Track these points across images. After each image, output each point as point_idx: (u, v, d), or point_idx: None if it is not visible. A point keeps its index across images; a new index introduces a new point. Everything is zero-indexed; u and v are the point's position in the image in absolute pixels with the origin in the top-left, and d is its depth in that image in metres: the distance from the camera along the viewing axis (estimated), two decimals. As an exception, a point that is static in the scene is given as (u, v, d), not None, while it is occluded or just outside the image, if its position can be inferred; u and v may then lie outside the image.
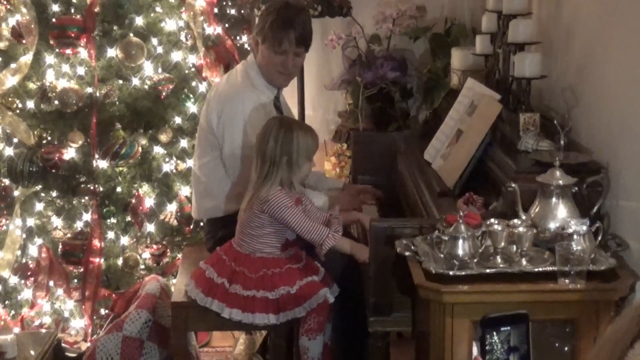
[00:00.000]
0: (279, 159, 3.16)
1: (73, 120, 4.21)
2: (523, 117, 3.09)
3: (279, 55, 3.58)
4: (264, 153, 3.18)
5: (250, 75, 3.66)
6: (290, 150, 3.17)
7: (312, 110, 5.11)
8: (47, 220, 4.30)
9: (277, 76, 3.65)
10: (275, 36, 3.56)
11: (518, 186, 2.66)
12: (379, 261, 2.85)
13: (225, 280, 3.23)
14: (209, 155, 3.66)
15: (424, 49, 4.76)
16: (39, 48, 4.21)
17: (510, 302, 2.39)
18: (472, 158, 3.19)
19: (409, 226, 2.83)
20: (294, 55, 3.60)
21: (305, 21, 3.63)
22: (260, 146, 3.21)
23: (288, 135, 3.18)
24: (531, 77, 3.19)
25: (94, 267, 4.16)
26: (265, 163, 3.18)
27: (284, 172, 3.18)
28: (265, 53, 3.60)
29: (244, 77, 3.67)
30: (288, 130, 3.19)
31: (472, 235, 2.50)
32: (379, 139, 4.25)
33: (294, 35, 3.56)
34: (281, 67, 3.61)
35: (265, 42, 3.59)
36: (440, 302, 2.43)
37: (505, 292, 2.43)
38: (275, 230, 3.23)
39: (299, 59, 3.67)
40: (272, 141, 3.17)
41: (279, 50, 3.57)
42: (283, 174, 3.18)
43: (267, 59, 3.61)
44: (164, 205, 4.30)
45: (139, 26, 4.26)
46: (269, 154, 3.17)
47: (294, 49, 3.59)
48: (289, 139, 3.17)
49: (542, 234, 2.61)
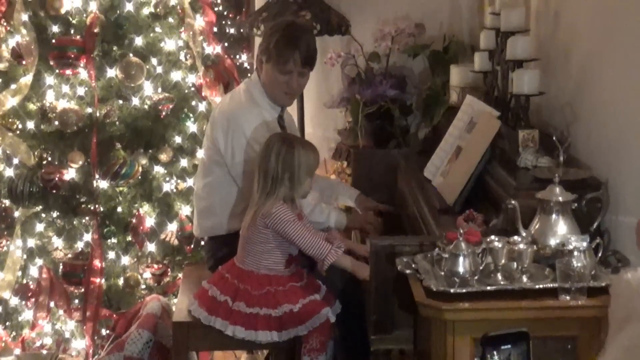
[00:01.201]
0: (280, 176, 3.17)
1: (73, 140, 4.22)
2: (522, 134, 3.09)
3: (284, 75, 3.57)
4: (266, 169, 3.19)
5: (254, 94, 3.65)
6: (292, 166, 3.18)
7: (312, 128, 5.11)
8: (47, 240, 4.30)
9: (280, 95, 3.64)
10: (280, 55, 3.54)
11: (518, 203, 2.65)
12: (380, 279, 2.85)
13: (229, 297, 3.23)
14: (213, 174, 3.65)
15: (423, 66, 4.77)
16: (39, 69, 4.23)
17: (511, 319, 2.39)
18: (471, 175, 3.18)
19: (410, 244, 2.82)
20: (298, 75, 3.59)
21: (311, 41, 3.63)
22: (262, 162, 3.22)
23: (289, 151, 3.19)
24: (530, 93, 3.19)
25: (95, 287, 4.15)
26: (267, 179, 3.19)
27: (285, 189, 3.20)
28: (269, 72, 3.59)
29: (247, 96, 3.66)
30: (289, 146, 3.20)
31: (472, 252, 2.50)
32: (379, 156, 4.25)
33: (300, 55, 3.55)
34: (285, 86, 3.60)
35: (269, 61, 3.58)
36: (441, 319, 2.42)
37: (506, 309, 2.42)
38: (278, 245, 3.23)
39: (304, 79, 3.66)
40: (274, 158, 3.18)
41: (283, 70, 3.56)
42: (285, 190, 3.20)
43: (271, 78, 3.59)
44: (165, 225, 4.30)
45: (138, 46, 4.28)
46: (270, 171, 3.18)
47: (299, 68, 3.58)
48: (290, 156, 3.18)
49: (543, 251, 2.60)
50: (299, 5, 4.59)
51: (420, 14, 4.80)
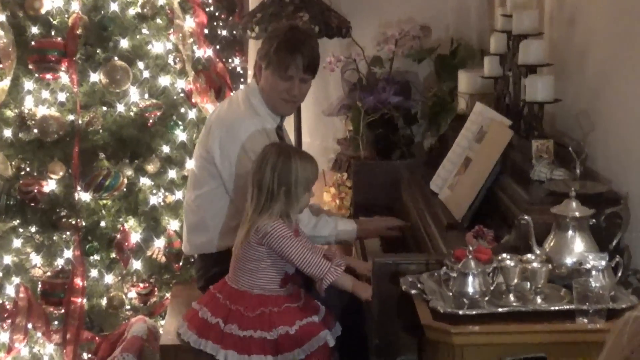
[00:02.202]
0: (276, 190, 3.16)
1: (54, 149, 4.21)
2: (535, 144, 3.10)
3: (285, 82, 3.58)
4: (260, 183, 3.18)
5: (253, 102, 3.66)
6: (289, 180, 3.17)
7: (310, 137, 5.11)
8: (25, 257, 4.28)
9: (280, 103, 3.65)
10: (281, 61, 3.55)
11: (531, 218, 2.66)
12: (383, 300, 2.85)
13: (220, 319, 3.22)
14: (207, 186, 3.65)
15: (428, 71, 4.79)
16: (17, 73, 4.22)
17: (525, 343, 2.39)
18: (481, 188, 3.19)
19: (415, 262, 2.83)
20: (300, 81, 3.60)
21: (313, 46, 3.65)
22: (256, 175, 3.21)
23: (286, 164, 3.18)
24: (543, 101, 3.21)
25: (76, 307, 4.14)
26: (261, 193, 3.18)
27: (281, 204, 3.18)
28: (269, 79, 3.60)
29: (246, 105, 3.66)
30: (286, 158, 3.19)
31: (482, 271, 2.50)
32: (382, 168, 4.26)
33: (302, 60, 3.56)
34: (286, 93, 3.60)
35: (269, 67, 3.59)
36: (449, 343, 2.42)
37: (519, 332, 2.42)
38: (273, 263, 3.22)
39: (305, 86, 3.67)
40: (269, 170, 3.17)
41: (284, 76, 3.57)
42: (280, 205, 3.18)
43: (271, 84, 3.60)
44: (152, 241, 4.29)
45: (124, 49, 4.28)
46: (265, 184, 3.17)
47: (300, 75, 3.58)
48: (287, 169, 3.18)
49: (558, 270, 2.61)
50: (296, 6, 4.59)
51: (425, 16, 4.83)
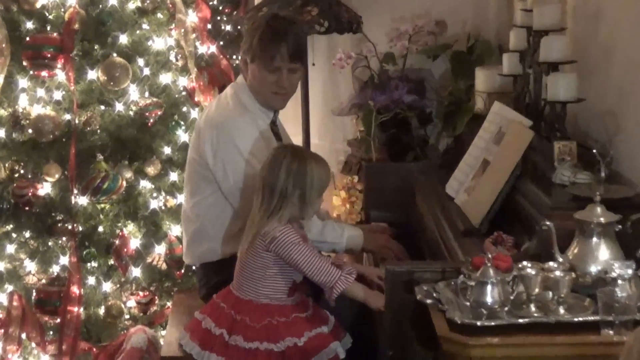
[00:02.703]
0: (290, 193, 3.15)
1: (49, 151, 4.23)
2: (558, 146, 3.08)
3: (272, 74, 3.57)
4: (273, 186, 3.17)
5: (242, 99, 3.66)
6: (304, 184, 3.16)
7: (319, 138, 5.11)
8: (19, 264, 4.31)
9: (271, 97, 3.65)
10: (265, 52, 3.55)
11: (553, 224, 2.64)
12: (396, 310, 2.83)
13: (225, 330, 3.21)
14: (202, 192, 3.64)
15: (444, 68, 4.78)
16: (11, 70, 4.25)
17: (547, 356, 2.38)
18: (500, 192, 3.18)
19: (430, 270, 2.81)
20: (288, 71, 3.59)
21: (298, 33, 3.64)
22: (268, 178, 3.19)
23: (302, 167, 3.17)
24: (566, 100, 3.20)
25: (73, 317, 4.15)
26: (273, 197, 3.17)
27: (293, 208, 3.17)
28: (256, 73, 3.60)
29: (235, 102, 3.66)
30: (302, 162, 3.18)
31: (501, 280, 2.49)
32: (394, 171, 4.25)
33: (287, 49, 3.55)
34: (275, 86, 3.60)
35: (254, 60, 3.59)
36: (466, 356, 2.40)
37: (540, 344, 2.40)
38: (281, 270, 3.21)
39: (295, 76, 3.66)
40: (284, 174, 3.16)
41: (271, 68, 3.56)
42: (293, 210, 3.17)
43: (258, 79, 3.60)
44: (152, 247, 4.30)
45: (123, 45, 4.29)
46: (278, 187, 3.16)
47: (287, 64, 3.58)
48: (302, 172, 3.16)
49: (582, 279, 2.59)
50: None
51: (441, 10, 4.82)
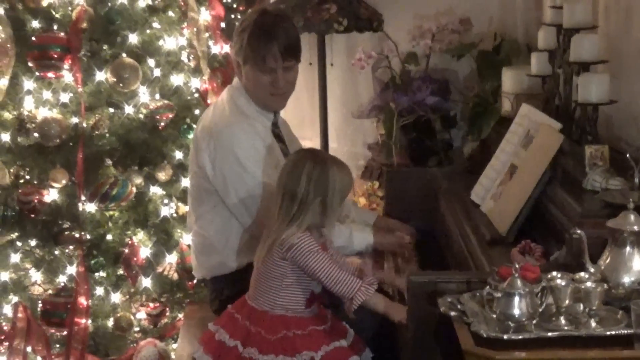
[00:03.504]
0: (311, 200, 3.16)
1: (55, 155, 4.24)
2: (589, 150, 3.08)
3: (266, 75, 3.57)
4: (294, 193, 3.17)
5: (238, 102, 3.65)
6: (326, 190, 3.16)
7: (337, 142, 5.12)
8: (24, 273, 4.31)
9: (269, 99, 3.64)
10: (256, 53, 3.54)
11: (584, 232, 2.63)
12: (419, 322, 2.83)
13: (239, 342, 3.21)
14: (205, 204, 3.65)
15: (469, 69, 4.78)
16: (16, 71, 4.26)
17: (577, 371, 2.38)
18: (528, 199, 3.18)
19: (454, 280, 2.81)
20: (283, 70, 3.58)
21: (289, 28, 3.62)
22: (288, 184, 3.19)
23: (324, 173, 3.17)
24: (598, 102, 3.18)
25: (80, 329, 4.15)
26: (293, 204, 3.17)
27: (314, 215, 3.17)
28: (250, 75, 3.59)
29: (231, 107, 3.65)
30: (323, 167, 3.18)
31: (530, 291, 2.49)
32: (417, 176, 4.25)
33: (278, 46, 3.54)
34: (271, 87, 3.59)
35: (247, 62, 3.58)
36: (492, 371, 2.42)
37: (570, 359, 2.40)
38: (298, 280, 3.21)
39: (291, 74, 3.65)
40: (305, 180, 3.16)
41: (264, 69, 3.56)
42: (313, 217, 3.17)
43: (253, 80, 3.59)
44: (163, 256, 4.31)
45: (132, 45, 4.31)
46: (299, 195, 3.16)
47: (281, 63, 3.57)
48: (324, 178, 3.16)
49: (615, 290, 2.58)
50: (323, -5, 4.61)
51: (466, 8, 4.82)
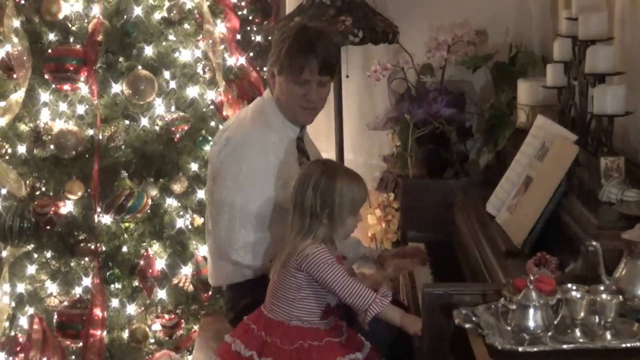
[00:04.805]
0: (319, 212, 3.16)
1: (71, 167, 4.26)
2: (605, 162, 3.07)
3: (300, 87, 3.58)
4: (302, 204, 3.18)
5: (266, 112, 3.66)
6: (332, 202, 3.16)
7: (353, 154, 5.12)
8: (40, 285, 4.32)
9: (299, 112, 3.65)
10: (293, 64, 3.55)
11: (600, 244, 2.64)
12: (434, 334, 2.84)
13: (255, 352, 3.20)
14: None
15: (485, 80, 4.77)
16: (32, 83, 4.28)
17: (593, 384, 2.37)
18: (544, 211, 3.18)
19: (470, 292, 2.81)
20: (317, 85, 3.60)
21: (328, 44, 3.64)
22: (297, 195, 3.20)
23: (330, 183, 3.16)
24: (614, 113, 3.17)
25: (95, 341, 4.17)
26: (304, 216, 3.17)
27: (324, 228, 3.17)
28: (283, 85, 3.60)
29: (254, 116, 3.66)
30: (330, 177, 3.17)
31: (545, 303, 2.48)
32: (432, 188, 4.25)
33: (316, 61, 3.55)
34: (304, 100, 3.60)
35: (282, 72, 3.59)
36: (508, 384, 2.41)
37: (586, 372, 2.41)
38: (313, 292, 3.21)
39: (324, 90, 3.66)
40: (311, 190, 3.16)
41: (299, 81, 3.57)
42: (325, 230, 3.17)
43: (286, 92, 3.61)
44: (178, 268, 4.31)
45: (148, 57, 4.33)
46: (307, 205, 3.16)
47: (316, 77, 3.58)
48: (330, 189, 3.16)
49: (631, 302, 2.58)
50: (338, 8, 4.59)
51: (481, 19, 4.81)
